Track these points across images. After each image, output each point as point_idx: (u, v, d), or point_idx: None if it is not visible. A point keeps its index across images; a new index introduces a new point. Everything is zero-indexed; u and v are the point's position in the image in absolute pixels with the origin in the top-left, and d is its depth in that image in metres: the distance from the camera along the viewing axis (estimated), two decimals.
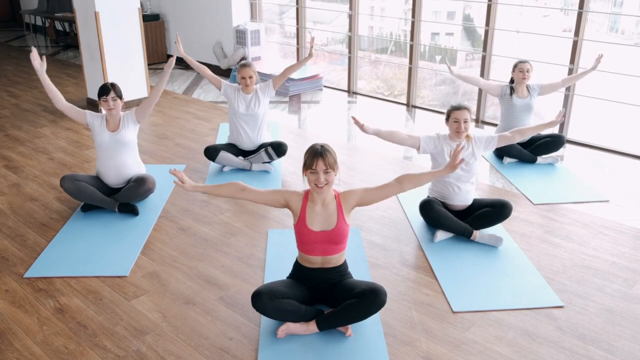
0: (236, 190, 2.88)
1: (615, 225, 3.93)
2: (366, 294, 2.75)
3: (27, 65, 8.87)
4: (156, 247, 3.66)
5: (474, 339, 2.82)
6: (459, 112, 3.67)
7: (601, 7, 6.79)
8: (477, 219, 3.72)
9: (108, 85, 3.97)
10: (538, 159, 4.94)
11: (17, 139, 5.62)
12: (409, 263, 3.49)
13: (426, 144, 3.75)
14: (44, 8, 11.08)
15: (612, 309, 3.06)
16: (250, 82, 4.67)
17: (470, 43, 7.77)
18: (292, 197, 2.88)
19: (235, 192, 2.88)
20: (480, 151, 3.78)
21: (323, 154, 2.74)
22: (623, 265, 3.47)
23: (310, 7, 7.72)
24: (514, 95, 4.96)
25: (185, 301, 3.11)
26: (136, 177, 4.10)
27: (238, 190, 2.88)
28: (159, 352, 2.73)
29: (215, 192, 2.93)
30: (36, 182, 4.61)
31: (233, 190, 2.88)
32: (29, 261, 3.50)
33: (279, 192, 2.89)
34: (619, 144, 5.37)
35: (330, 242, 2.84)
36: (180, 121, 6.15)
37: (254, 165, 4.77)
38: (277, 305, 2.74)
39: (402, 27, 8.00)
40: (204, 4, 8.14)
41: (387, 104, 6.88)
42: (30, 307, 3.06)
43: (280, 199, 2.88)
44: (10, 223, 3.97)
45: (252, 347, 2.76)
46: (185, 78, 8.03)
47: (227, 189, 2.89)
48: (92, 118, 4.05)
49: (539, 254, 3.58)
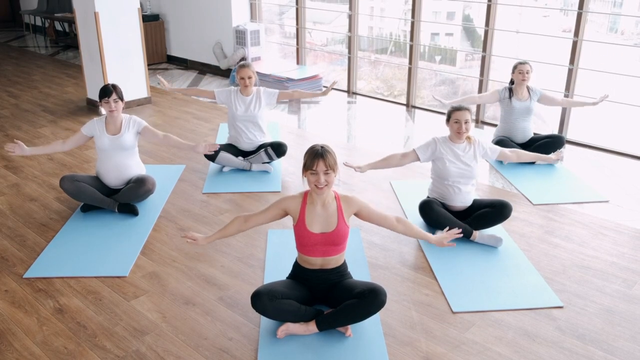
0: (241, 224, 2.97)
1: (614, 226, 3.93)
2: (366, 294, 2.75)
3: (27, 65, 8.87)
4: (156, 247, 3.66)
5: (474, 339, 2.82)
6: (460, 113, 3.67)
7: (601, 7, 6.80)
8: (477, 220, 3.72)
9: (110, 87, 3.97)
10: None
11: (16, 139, 5.61)
12: (408, 263, 3.49)
13: (423, 153, 3.77)
14: (43, 8, 11.08)
15: (611, 309, 3.06)
16: (250, 83, 4.67)
17: (470, 43, 7.77)
18: (290, 203, 2.89)
19: (241, 226, 2.97)
20: (479, 156, 3.78)
21: (323, 155, 2.74)
22: (622, 265, 3.47)
23: (310, 8, 7.72)
24: (513, 98, 4.96)
25: (184, 301, 3.11)
26: (136, 177, 4.09)
27: (242, 223, 2.97)
28: (158, 352, 2.73)
29: (225, 234, 3.01)
30: (36, 183, 4.61)
31: (238, 225, 2.97)
32: (28, 261, 3.50)
33: (277, 205, 2.91)
34: (618, 144, 5.37)
35: (330, 243, 2.85)
36: (180, 121, 6.15)
37: (254, 165, 4.77)
38: (276, 306, 2.74)
39: (401, 27, 8.00)
40: (203, 4, 8.14)
41: (387, 104, 6.88)
42: (30, 307, 3.06)
43: (279, 211, 2.91)
44: (9, 223, 3.97)
45: (252, 348, 2.76)
46: (185, 78, 8.03)
47: (233, 227, 2.98)
48: (91, 129, 4.05)
49: (539, 254, 3.59)
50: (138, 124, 4.09)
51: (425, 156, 3.77)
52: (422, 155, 3.77)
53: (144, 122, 4.12)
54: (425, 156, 3.77)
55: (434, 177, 3.85)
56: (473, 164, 3.75)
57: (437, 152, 3.74)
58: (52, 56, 9.61)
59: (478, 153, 3.76)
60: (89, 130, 4.06)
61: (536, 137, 5.05)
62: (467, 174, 3.74)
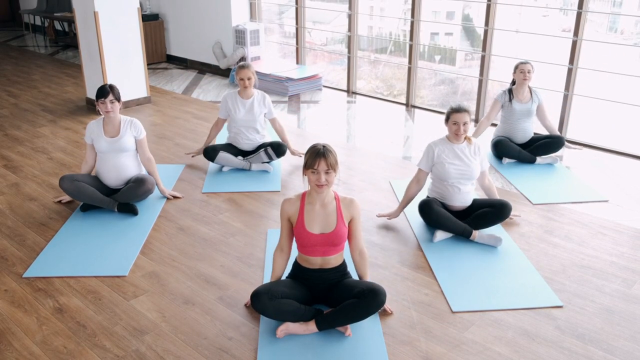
0: (281, 255, 2.98)
1: (614, 225, 3.94)
2: (365, 294, 2.75)
3: (27, 65, 8.87)
4: (155, 247, 3.66)
5: (473, 339, 2.82)
6: (459, 115, 3.67)
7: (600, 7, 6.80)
8: (477, 219, 3.72)
9: (107, 88, 3.96)
10: (537, 159, 4.94)
11: (16, 138, 5.61)
12: (408, 263, 3.49)
13: (426, 165, 3.82)
14: (43, 8, 11.07)
15: (611, 308, 3.06)
16: (249, 84, 4.67)
17: (470, 43, 7.77)
18: (288, 209, 2.89)
19: (282, 256, 2.98)
20: (479, 156, 3.78)
21: (325, 154, 2.74)
22: (622, 265, 3.47)
23: (309, 7, 7.71)
24: (514, 100, 4.95)
25: (184, 301, 3.11)
26: (135, 177, 4.09)
27: (280, 253, 2.97)
28: (158, 351, 2.73)
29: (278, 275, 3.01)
30: (35, 182, 4.61)
31: (279, 258, 2.98)
32: (28, 261, 3.49)
33: (282, 218, 2.93)
34: (618, 144, 5.37)
35: (329, 244, 2.85)
36: (180, 121, 6.15)
37: (254, 165, 4.77)
38: (276, 305, 2.74)
39: (401, 27, 8.01)
40: (203, 4, 8.14)
41: (387, 104, 6.88)
42: (30, 307, 3.06)
43: (286, 222, 2.93)
44: (9, 223, 3.97)
45: (252, 347, 2.76)
46: (185, 78, 8.03)
47: (279, 263, 2.98)
48: (89, 134, 4.06)
49: (538, 254, 3.59)
50: (138, 132, 4.08)
51: (428, 165, 3.81)
52: (425, 167, 3.82)
53: (144, 133, 4.12)
54: (428, 166, 3.81)
55: (434, 177, 3.85)
56: (472, 163, 3.74)
57: (435, 157, 3.75)
58: (52, 56, 9.61)
59: (476, 153, 3.77)
60: (88, 136, 4.07)
61: (536, 137, 5.05)
62: (467, 174, 3.74)
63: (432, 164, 3.78)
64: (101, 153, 4.04)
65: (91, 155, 4.13)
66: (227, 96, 4.77)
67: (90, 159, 4.14)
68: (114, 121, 4.03)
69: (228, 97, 4.76)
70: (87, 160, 4.16)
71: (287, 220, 2.92)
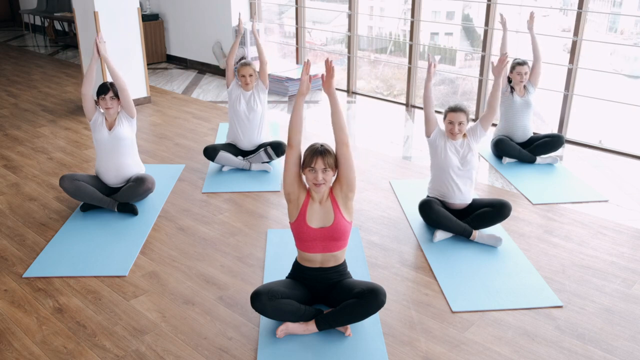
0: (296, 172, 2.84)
1: (614, 225, 3.94)
2: (365, 294, 2.75)
3: (26, 65, 8.87)
4: (155, 246, 3.66)
5: (473, 339, 2.82)
6: (454, 115, 3.67)
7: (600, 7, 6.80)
8: (477, 219, 3.72)
9: (107, 85, 3.99)
10: (537, 159, 4.94)
11: (16, 138, 5.61)
12: (408, 263, 3.49)
13: (436, 134, 3.80)
14: (43, 8, 11.07)
15: (611, 308, 3.06)
16: (250, 81, 4.69)
17: (470, 43, 7.77)
18: (302, 188, 2.87)
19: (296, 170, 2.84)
20: (474, 142, 3.77)
21: (323, 153, 2.75)
22: (622, 265, 3.47)
23: (309, 7, 7.72)
24: (515, 92, 4.97)
25: (184, 301, 3.11)
26: (135, 176, 4.10)
27: (295, 149, 2.83)
28: (158, 351, 2.73)
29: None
30: (35, 182, 4.61)
31: (297, 149, 2.84)
32: (28, 261, 3.49)
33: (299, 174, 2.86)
34: (618, 144, 5.37)
35: (329, 238, 2.84)
36: (180, 121, 6.15)
37: (253, 165, 4.77)
38: (276, 305, 2.74)
39: (401, 27, 8.00)
40: (203, 4, 8.14)
41: (387, 104, 6.88)
42: (30, 306, 3.06)
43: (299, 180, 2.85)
44: (9, 223, 3.97)
45: (251, 347, 2.76)
46: (185, 78, 8.03)
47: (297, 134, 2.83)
48: (98, 115, 4.07)
49: (538, 254, 3.59)
50: (122, 111, 4.08)
51: (434, 138, 3.79)
52: (435, 135, 3.78)
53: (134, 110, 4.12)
54: (434, 137, 3.79)
55: (435, 169, 3.83)
56: (471, 157, 3.74)
57: (439, 141, 3.76)
58: (52, 56, 9.60)
59: (472, 142, 3.76)
60: (97, 114, 4.04)
61: (536, 136, 5.06)
62: (465, 166, 3.74)
63: (435, 137, 3.78)
64: (101, 147, 4.04)
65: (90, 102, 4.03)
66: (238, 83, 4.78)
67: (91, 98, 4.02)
68: (113, 117, 4.05)
69: (239, 84, 4.77)
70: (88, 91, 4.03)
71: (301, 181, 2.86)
